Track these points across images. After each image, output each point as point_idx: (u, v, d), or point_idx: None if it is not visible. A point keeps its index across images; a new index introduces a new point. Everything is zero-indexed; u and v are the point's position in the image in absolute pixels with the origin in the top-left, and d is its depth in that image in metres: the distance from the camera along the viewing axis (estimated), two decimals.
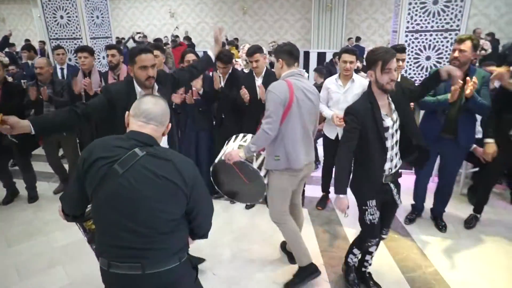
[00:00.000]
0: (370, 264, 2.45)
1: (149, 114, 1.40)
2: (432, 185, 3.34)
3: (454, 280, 2.54)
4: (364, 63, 3.29)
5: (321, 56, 10.67)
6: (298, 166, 2.27)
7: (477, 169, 3.74)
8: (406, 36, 4.01)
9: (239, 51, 7.42)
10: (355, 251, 2.37)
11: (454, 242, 3.01)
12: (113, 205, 1.30)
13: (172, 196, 1.32)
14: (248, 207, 3.62)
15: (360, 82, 3.16)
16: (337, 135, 3.30)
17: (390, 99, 2.07)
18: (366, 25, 11.28)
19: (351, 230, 3.13)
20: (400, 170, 2.20)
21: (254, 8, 12.33)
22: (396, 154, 2.12)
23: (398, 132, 2.10)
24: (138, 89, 2.19)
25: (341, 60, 3.14)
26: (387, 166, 2.07)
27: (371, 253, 2.38)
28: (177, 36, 10.91)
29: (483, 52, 6.49)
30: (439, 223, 3.19)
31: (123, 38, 11.10)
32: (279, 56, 2.31)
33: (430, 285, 2.51)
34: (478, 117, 3.17)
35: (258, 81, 3.31)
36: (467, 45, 2.62)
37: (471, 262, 2.75)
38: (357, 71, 4.63)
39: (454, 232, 3.14)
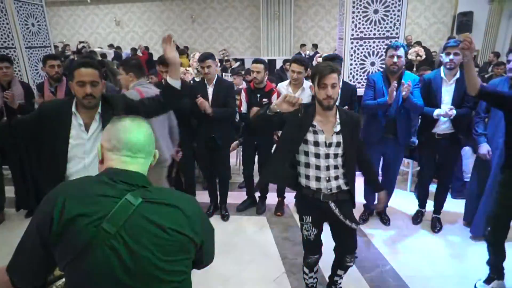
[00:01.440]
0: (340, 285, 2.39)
1: (135, 145, 1.07)
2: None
3: (409, 275, 2.64)
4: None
5: (271, 63, 10.84)
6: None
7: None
8: (352, 43, 4.18)
9: (189, 60, 7.29)
10: (305, 269, 2.31)
11: (406, 238, 3.14)
12: (103, 281, 0.94)
13: (182, 252, 1.01)
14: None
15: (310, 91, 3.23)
16: None
17: (338, 120, 1.97)
18: (313, 32, 11.69)
19: None
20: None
21: (203, 16, 12.26)
22: (337, 177, 2.01)
23: (340, 157, 2.00)
24: (73, 109, 1.88)
25: (290, 69, 3.23)
26: (322, 185, 2.00)
27: (339, 276, 2.33)
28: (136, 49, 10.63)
29: (418, 58, 7.00)
30: (384, 218, 3.37)
31: (67, 45, 10.49)
32: (130, 70, 2.68)
33: (388, 283, 2.58)
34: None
35: (210, 89, 3.25)
36: (402, 52, 2.88)
37: (422, 256, 2.88)
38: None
39: (406, 229, 3.29)
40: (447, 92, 2.93)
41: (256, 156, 3.61)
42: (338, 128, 1.97)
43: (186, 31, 12.53)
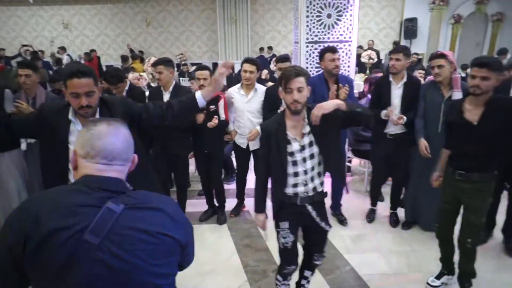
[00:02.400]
0: None
1: (111, 152, 1.00)
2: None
3: (368, 274, 2.69)
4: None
5: None
6: None
7: None
8: (307, 46, 4.23)
9: (143, 65, 7.04)
10: (279, 277, 2.18)
11: (364, 237, 3.21)
12: None
13: (169, 255, 0.99)
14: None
15: (263, 91, 3.27)
16: (248, 144, 3.34)
17: (306, 121, 1.92)
18: (270, 36, 11.80)
19: (273, 241, 3.11)
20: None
21: (158, 20, 11.95)
22: (313, 179, 1.98)
23: (317, 156, 1.96)
24: (71, 117, 1.81)
25: (242, 69, 3.22)
26: (300, 189, 1.96)
27: (306, 278, 2.30)
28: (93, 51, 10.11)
29: (371, 60, 7.31)
30: (339, 217, 3.43)
31: (2, 49, 9.73)
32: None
33: (348, 283, 2.61)
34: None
35: (166, 96, 3.13)
36: (337, 55, 3.01)
37: (380, 254, 2.95)
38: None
39: (363, 228, 3.36)
40: (396, 95, 3.05)
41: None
42: (307, 129, 1.93)
43: (140, 35, 12.14)
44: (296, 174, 1.95)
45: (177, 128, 3.09)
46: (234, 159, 3.76)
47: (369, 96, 3.85)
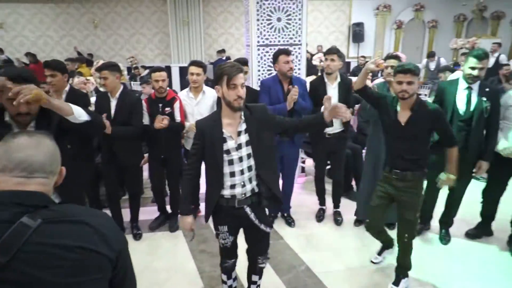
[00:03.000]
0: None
1: (31, 165, 0.94)
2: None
3: (323, 272, 2.76)
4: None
5: (183, 70, 10.62)
6: None
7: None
8: (258, 49, 4.27)
9: (90, 69, 6.70)
10: (223, 277, 2.22)
11: (317, 236, 3.29)
12: None
13: (95, 272, 0.90)
14: None
15: (211, 94, 3.26)
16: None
17: (243, 118, 1.91)
18: (223, 39, 11.77)
19: None
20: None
21: (107, 22, 11.44)
22: (250, 180, 1.96)
23: (252, 156, 1.94)
24: (7, 118, 1.69)
25: (189, 72, 3.18)
26: (237, 191, 1.93)
27: (255, 283, 2.29)
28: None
29: (322, 63, 7.56)
30: (288, 219, 3.47)
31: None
32: None
33: (304, 282, 2.65)
34: None
35: (113, 102, 2.98)
36: (291, 58, 3.09)
37: (332, 251, 3.04)
38: None
39: (315, 227, 3.45)
40: (332, 95, 3.11)
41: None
42: (243, 126, 1.91)
43: (88, 37, 11.54)
44: (232, 174, 1.91)
45: (128, 135, 2.97)
46: None
47: None
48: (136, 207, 3.33)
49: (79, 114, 1.83)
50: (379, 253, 2.81)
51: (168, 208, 3.55)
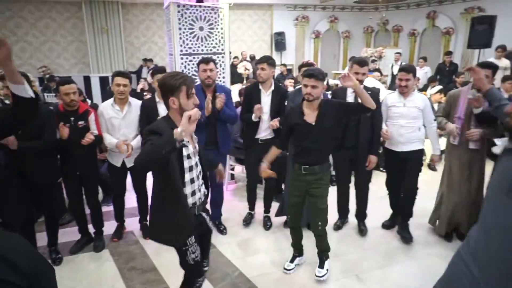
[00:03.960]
0: None
1: None
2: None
3: (256, 276, 2.82)
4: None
5: (104, 80, 10.05)
6: None
7: None
8: (181, 58, 4.24)
9: None
10: None
11: (248, 241, 3.36)
12: None
13: None
14: None
15: (137, 104, 3.17)
16: (123, 162, 3.15)
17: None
18: (146, 48, 11.40)
19: (161, 259, 3.00)
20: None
21: (10, 27, 10.32)
22: (202, 184, 2.01)
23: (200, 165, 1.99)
24: None
25: (114, 83, 3.02)
26: (197, 196, 1.95)
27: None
28: None
29: (246, 71, 7.78)
30: (219, 227, 3.48)
31: None
32: None
33: None
34: None
35: None
36: (212, 65, 3.12)
37: (264, 254, 3.12)
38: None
39: (248, 232, 3.52)
40: (265, 102, 3.28)
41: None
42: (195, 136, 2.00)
43: None
44: (192, 181, 1.91)
45: (37, 151, 2.71)
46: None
47: None
48: (53, 229, 3.05)
49: (27, 88, 1.71)
50: (292, 260, 2.91)
51: (91, 227, 3.30)
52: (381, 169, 4.76)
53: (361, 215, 3.47)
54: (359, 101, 2.53)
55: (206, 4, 4.23)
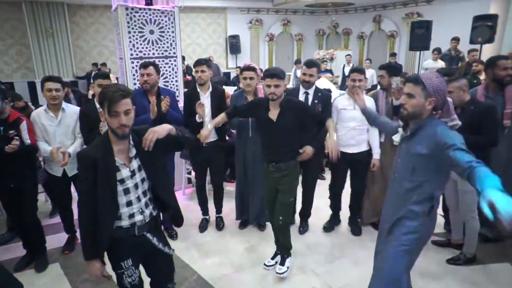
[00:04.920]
0: None
1: None
2: None
3: (214, 277, 2.83)
4: None
5: None
6: None
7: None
8: (132, 62, 4.15)
9: None
10: None
11: (208, 244, 3.36)
12: None
13: None
14: None
15: (73, 111, 3.03)
16: (64, 171, 3.00)
17: (132, 143, 1.79)
18: (97, 52, 10.97)
19: None
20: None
21: None
22: (147, 205, 1.86)
23: (146, 180, 1.84)
24: None
25: (45, 88, 2.86)
26: (137, 218, 1.81)
27: None
28: None
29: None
30: (170, 232, 3.42)
31: None
32: None
33: None
34: None
35: None
36: (152, 69, 3.07)
37: (221, 256, 3.14)
38: None
39: (206, 235, 3.52)
40: (205, 104, 3.23)
41: None
42: (133, 152, 1.78)
43: None
44: (129, 204, 1.78)
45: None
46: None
47: None
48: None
49: None
50: (273, 257, 2.97)
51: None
52: (321, 175, 4.89)
53: (304, 213, 3.55)
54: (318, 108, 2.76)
55: (156, 7, 4.17)
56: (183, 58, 10.23)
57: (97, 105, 2.96)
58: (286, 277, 2.80)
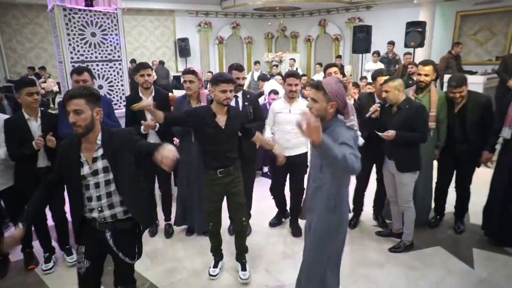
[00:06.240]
0: None
1: None
2: None
3: (168, 284, 2.79)
4: None
5: None
6: None
7: None
8: (73, 66, 3.94)
9: None
10: None
11: (159, 251, 3.30)
12: None
13: None
14: None
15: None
16: None
17: (99, 143, 1.85)
18: (34, 55, 10.24)
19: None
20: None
21: None
22: (111, 206, 1.89)
23: (112, 183, 1.87)
24: None
25: None
26: (95, 215, 1.88)
27: None
28: None
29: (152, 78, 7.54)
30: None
31: None
32: None
33: None
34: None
35: None
36: (87, 76, 2.98)
37: (174, 262, 3.11)
38: None
39: (157, 242, 3.46)
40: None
41: None
42: (100, 152, 1.85)
43: None
44: (89, 199, 1.87)
45: None
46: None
47: None
48: None
49: None
50: (215, 265, 2.93)
51: None
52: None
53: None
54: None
55: (97, 9, 4.01)
56: (133, 61, 9.91)
57: (26, 116, 2.77)
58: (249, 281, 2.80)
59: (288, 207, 3.64)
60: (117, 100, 4.27)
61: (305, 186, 2.54)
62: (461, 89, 3.09)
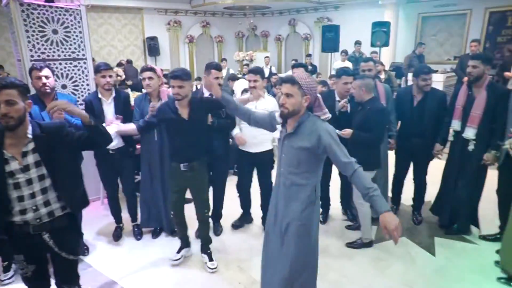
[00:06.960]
0: None
1: None
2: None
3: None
4: None
5: None
6: None
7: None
8: (33, 65, 3.77)
9: None
10: None
11: (127, 253, 3.24)
12: None
13: None
14: None
15: None
16: None
17: (30, 137, 1.78)
18: None
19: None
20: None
21: None
22: (47, 203, 1.81)
23: (47, 178, 1.80)
24: None
25: None
26: (29, 216, 1.76)
27: None
28: None
29: (119, 77, 7.37)
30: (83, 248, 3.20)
31: None
32: None
33: None
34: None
35: None
36: (49, 72, 2.92)
37: (140, 265, 3.04)
38: None
39: (120, 246, 3.38)
40: (108, 110, 3.13)
41: None
42: (30, 146, 1.75)
43: None
44: (21, 199, 1.74)
45: None
46: None
47: None
48: None
49: None
50: (178, 251, 3.02)
51: None
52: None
53: (217, 215, 3.54)
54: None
55: (58, 5, 3.85)
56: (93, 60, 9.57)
57: None
58: (215, 272, 2.89)
59: (259, 205, 3.63)
60: (83, 100, 4.12)
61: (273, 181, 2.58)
62: (431, 75, 3.30)
